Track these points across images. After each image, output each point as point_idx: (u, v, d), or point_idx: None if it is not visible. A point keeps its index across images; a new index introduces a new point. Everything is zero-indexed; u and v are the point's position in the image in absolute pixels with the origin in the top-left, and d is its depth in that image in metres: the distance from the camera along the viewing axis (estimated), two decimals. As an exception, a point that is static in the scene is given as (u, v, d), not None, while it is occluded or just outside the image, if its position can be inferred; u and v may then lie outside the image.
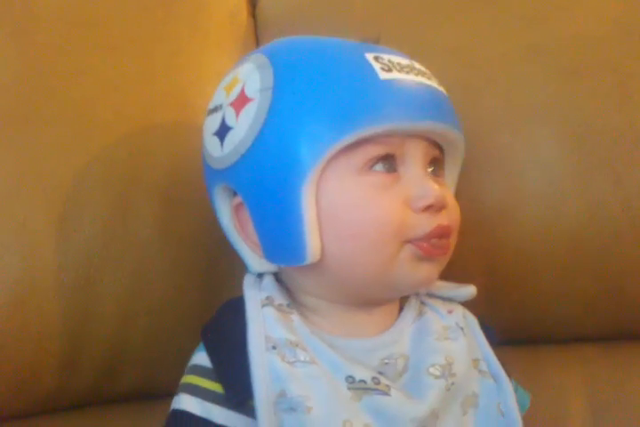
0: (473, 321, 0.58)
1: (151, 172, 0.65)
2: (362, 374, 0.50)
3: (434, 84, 0.53)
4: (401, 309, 0.57)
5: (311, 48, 0.54)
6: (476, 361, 0.55)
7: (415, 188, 0.51)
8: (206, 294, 0.64)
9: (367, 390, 0.49)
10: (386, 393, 0.49)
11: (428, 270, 0.52)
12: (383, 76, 0.50)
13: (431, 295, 0.58)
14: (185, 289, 0.65)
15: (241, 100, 0.52)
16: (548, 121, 0.69)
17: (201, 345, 0.53)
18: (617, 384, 0.71)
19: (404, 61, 0.53)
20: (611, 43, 0.70)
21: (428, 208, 0.51)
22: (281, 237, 0.51)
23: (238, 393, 0.49)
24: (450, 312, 0.57)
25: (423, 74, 0.53)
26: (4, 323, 0.58)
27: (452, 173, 0.58)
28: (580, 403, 0.70)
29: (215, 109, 0.55)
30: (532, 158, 0.68)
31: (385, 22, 0.74)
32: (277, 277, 0.56)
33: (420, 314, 0.56)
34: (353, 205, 0.50)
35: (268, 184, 0.51)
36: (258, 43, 0.77)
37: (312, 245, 0.50)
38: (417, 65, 0.54)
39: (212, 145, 0.54)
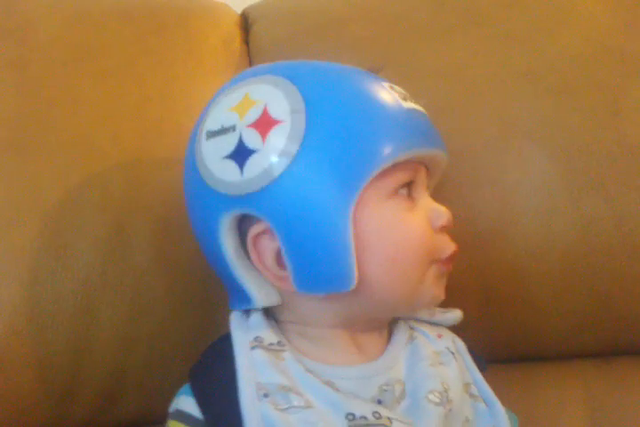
0: (461, 346, 0.58)
1: (148, 198, 0.65)
2: (362, 409, 0.49)
3: (423, 110, 0.55)
4: (390, 333, 0.57)
5: (333, 73, 0.54)
6: (467, 385, 0.55)
7: (430, 209, 0.54)
8: (203, 320, 0.65)
9: (369, 426, 0.48)
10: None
11: (443, 288, 0.55)
12: (400, 104, 0.52)
13: (418, 320, 0.58)
14: (182, 314, 0.65)
15: (266, 122, 0.50)
16: (540, 139, 0.70)
17: (186, 387, 0.52)
18: (614, 399, 0.71)
19: (401, 90, 0.54)
20: (599, 62, 0.72)
21: (443, 228, 0.53)
22: (323, 264, 0.50)
23: None
24: (439, 337, 0.57)
25: (414, 101, 0.55)
26: (3, 351, 0.59)
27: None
28: (578, 419, 0.70)
29: (223, 131, 0.51)
30: (524, 177, 0.69)
31: (377, 47, 0.75)
32: (265, 311, 0.54)
33: (411, 339, 0.56)
34: (388, 227, 0.51)
35: (310, 209, 0.49)
36: (251, 68, 0.78)
37: (355, 270, 0.50)
38: (407, 92, 0.55)
39: (223, 169, 0.51)
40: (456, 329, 0.60)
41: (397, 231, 0.51)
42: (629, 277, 0.68)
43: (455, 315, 0.59)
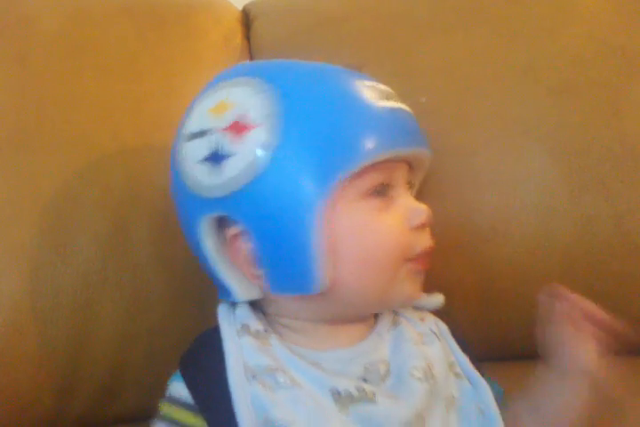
0: (444, 328, 0.59)
1: (148, 194, 0.65)
2: (346, 384, 0.50)
3: (409, 110, 0.55)
4: (375, 318, 0.58)
5: (311, 73, 0.54)
6: (451, 365, 0.56)
7: (407, 208, 0.53)
8: (202, 315, 0.64)
9: (353, 400, 0.50)
10: (372, 401, 0.50)
11: (418, 286, 0.55)
12: (380, 103, 0.51)
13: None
14: (182, 310, 0.65)
15: (241, 126, 0.50)
16: (540, 138, 0.70)
17: (177, 374, 0.53)
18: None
19: (385, 88, 0.54)
20: (600, 61, 0.72)
21: (421, 226, 0.53)
22: (290, 267, 0.51)
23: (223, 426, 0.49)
24: (422, 320, 0.58)
25: (399, 100, 0.54)
26: (3, 346, 0.59)
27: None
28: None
29: (201, 134, 0.52)
30: (524, 175, 0.69)
31: (378, 43, 0.75)
32: (251, 303, 0.55)
33: (395, 324, 0.57)
34: (359, 229, 0.51)
35: (279, 213, 0.50)
36: (252, 64, 0.78)
37: (323, 274, 0.50)
38: (392, 91, 0.54)
39: (200, 172, 0.51)
40: (454, 325, 0.60)
41: (368, 233, 0.51)
42: (629, 275, 0.69)
43: (437, 299, 0.59)
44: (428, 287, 0.60)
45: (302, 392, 0.49)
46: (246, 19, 0.83)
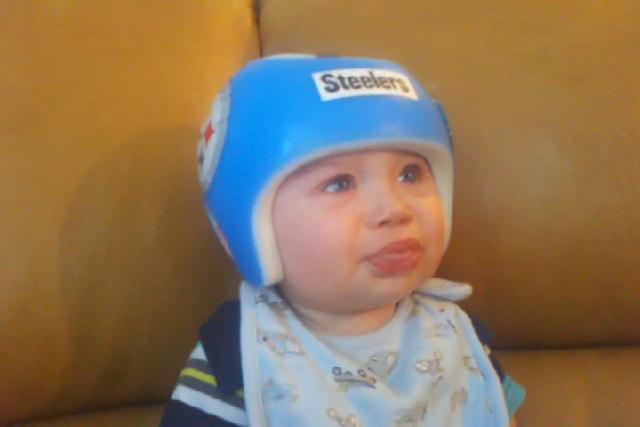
0: (465, 320, 0.58)
1: (155, 177, 0.65)
2: (348, 366, 0.51)
3: (396, 92, 0.51)
4: (396, 307, 0.57)
5: (261, 76, 0.54)
6: (466, 358, 0.56)
7: (370, 204, 0.50)
8: (209, 299, 0.64)
9: (353, 381, 0.51)
10: (371, 385, 0.51)
11: (393, 285, 0.52)
12: (325, 97, 0.49)
13: (425, 294, 0.59)
14: (188, 294, 0.65)
15: (209, 132, 0.54)
16: (550, 127, 0.69)
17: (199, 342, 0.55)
18: (617, 390, 0.71)
19: (360, 73, 0.51)
20: (613, 50, 0.71)
21: (383, 223, 0.50)
22: (243, 259, 0.54)
23: (229, 382, 0.51)
24: (442, 311, 0.58)
25: (382, 83, 0.51)
26: (9, 328, 0.59)
27: (442, 178, 0.56)
28: (580, 408, 0.71)
29: (200, 136, 0.57)
30: (534, 164, 0.69)
31: (388, 28, 0.74)
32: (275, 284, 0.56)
33: (413, 313, 0.57)
34: (303, 227, 0.51)
35: (228, 210, 0.53)
36: (261, 49, 0.78)
37: (268, 268, 0.52)
38: (378, 73, 0.51)
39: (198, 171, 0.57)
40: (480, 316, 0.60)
41: (307, 230, 0.51)
42: (637, 266, 0.68)
43: (464, 290, 0.59)
44: (435, 276, 0.60)
45: (307, 362, 0.51)
46: (256, 2, 0.83)
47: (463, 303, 0.60)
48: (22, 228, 0.60)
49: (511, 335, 0.71)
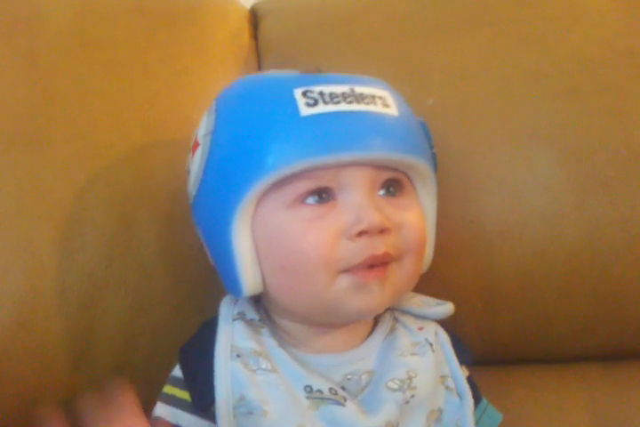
0: (444, 338, 0.58)
1: (154, 191, 0.65)
2: (320, 384, 0.52)
3: (376, 108, 0.51)
4: (376, 324, 0.57)
5: (244, 91, 0.55)
6: (443, 377, 0.56)
7: (349, 215, 0.51)
8: (207, 314, 0.63)
9: (324, 399, 0.51)
10: (341, 404, 0.51)
11: (365, 301, 0.51)
12: (305, 112, 0.50)
13: (404, 312, 0.59)
14: (186, 309, 0.65)
15: (195, 145, 0.55)
16: (547, 141, 0.69)
17: None
18: (617, 404, 0.71)
19: (341, 89, 0.51)
20: (607, 64, 0.71)
21: (361, 234, 0.50)
22: (223, 270, 0.55)
23: (202, 399, 0.52)
24: (420, 329, 0.57)
25: (362, 99, 0.51)
26: (8, 343, 0.59)
27: (424, 193, 0.56)
28: (581, 422, 0.70)
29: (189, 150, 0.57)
30: (531, 178, 0.69)
31: (385, 43, 0.75)
32: (257, 297, 0.57)
33: (392, 330, 0.57)
34: (282, 240, 0.51)
35: (209, 222, 0.54)
36: (260, 63, 0.78)
37: (247, 279, 0.53)
38: (359, 89, 0.51)
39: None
40: (459, 330, 0.60)
41: (286, 242, 0.51)
42: (635, 280, 0.68)
43: (445, 309, 0.58)
44: (433, 291, 0.60)
45: (279, 380, 0.51)
46: (254, 18, 0.83)
47: (460, 318, 0.60)
48: (22, 241, 0.61)
49: (510, 349, 0.71)
